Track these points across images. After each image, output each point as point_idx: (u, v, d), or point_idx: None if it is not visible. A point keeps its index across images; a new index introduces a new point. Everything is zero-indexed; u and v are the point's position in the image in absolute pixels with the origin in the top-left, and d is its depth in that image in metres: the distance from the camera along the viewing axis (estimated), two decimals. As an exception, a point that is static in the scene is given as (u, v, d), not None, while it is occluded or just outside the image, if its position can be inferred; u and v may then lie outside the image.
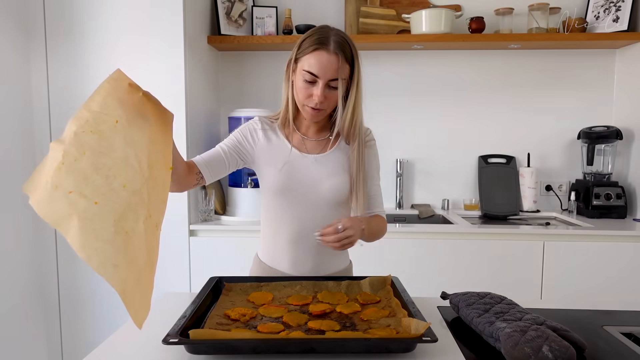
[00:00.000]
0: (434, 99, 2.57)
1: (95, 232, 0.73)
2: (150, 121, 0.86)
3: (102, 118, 0.81)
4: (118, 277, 0.73)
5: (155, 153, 0.83)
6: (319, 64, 1.13)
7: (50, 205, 0.73)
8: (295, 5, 2.52)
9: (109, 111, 0.82)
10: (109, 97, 0.83)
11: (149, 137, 0.84)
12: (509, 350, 0.82)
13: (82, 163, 0.76)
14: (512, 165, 2.53)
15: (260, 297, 1.09)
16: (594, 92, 2.52)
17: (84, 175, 0.76)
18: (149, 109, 0.87)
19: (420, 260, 2.08)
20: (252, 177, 2.22)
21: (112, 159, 0.78)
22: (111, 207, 0.76)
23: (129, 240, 0.76)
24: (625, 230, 2.05)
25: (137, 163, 0.80)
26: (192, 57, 2.12)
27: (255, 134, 1.28)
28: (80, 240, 0.72)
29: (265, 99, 2.58)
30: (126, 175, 0.78)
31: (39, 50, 2.03)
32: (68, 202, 0.73)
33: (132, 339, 0.94)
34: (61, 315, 2.14)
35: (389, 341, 0.84)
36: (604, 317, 1.07)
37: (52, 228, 2.09)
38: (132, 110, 0.84)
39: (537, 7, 2.36)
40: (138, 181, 0.79)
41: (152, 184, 0.81)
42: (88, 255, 0.72)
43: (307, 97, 1.17)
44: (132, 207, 0.77)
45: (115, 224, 0.75)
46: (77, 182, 0.75)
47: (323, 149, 1.27)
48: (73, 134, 0.78)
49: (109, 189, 0.77)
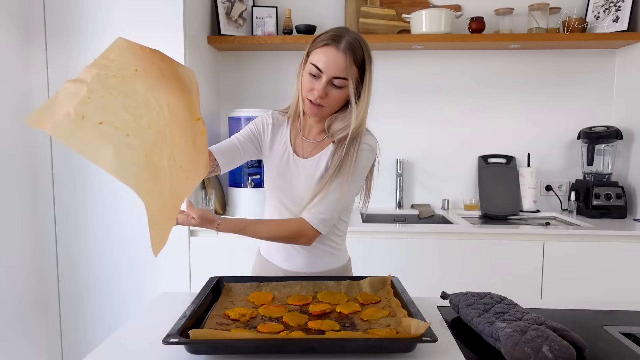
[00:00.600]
0: (434, 99, 2.57)
1: (131, 159, 0.77)
2: (167, 75, 0.89)
3: (123, 65, 0.84)
4: (149, 203, 0.79)
5: (176, 102, 0.87)
6: (326, 58, 1.14)
7: (76, 133, 0.74)
8: (295, 5, 2.52)
9: (128, 60, 0.84)
10: (126, 50, 0.86)
11: (168, 86, 0.87)
12: (509, 350, 0.82)
13: (110, 100, 0.79)
14: (512, 165, 2.53)
15: (260, 297, 1.09)
16: (594, 92, 2.52)
17: (114, 111, 0.78)
18: (164, 64, 0.90)
19: (420, 260, 2.08)
20: (253, 177, 2.22)
21: (136, 100, 0.81)
22: (142, 141, 0.79)
23: (156, 173, 0.80)
24: (625, 230, 2.05)
25: (158, 106, 0.84)
26: (192, 57, 2.13)
27: (267, 128, 1.31)
28: (117, 165, 0.75)
29: (265, 99, 2.58)
30: (150, 116, 0.82)
31: (39, 50, 2.03)
32: (99, 132, 0.75)
33: (132, 339, 0.94)
34: (61, 315, 2.14)
35: (389, 341, 0.84)
36: (604, 317, 1.07)
37: (52, 228, 2.09)
38: (149, 63, 0.87)
39: (537, 7, 2.36)
40: (160, 122, 0.83)
41: (175, 129, 0.85)
42: (126, 179, 0.76)
43: (309, 91, 1.17)
44: (157, 144, 0.82)
45: (146, 155, 0.79)
46: (107, 116, 0.77)
47: (312, 153, 1.27)
48: (95, 75, 0.80)
49: (138, 125, 0.79)
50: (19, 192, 1.98)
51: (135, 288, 2.11)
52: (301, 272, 1.30)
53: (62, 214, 2.09)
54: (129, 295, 2.11)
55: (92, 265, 2.11)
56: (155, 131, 0.82)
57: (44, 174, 2.08)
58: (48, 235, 2.10)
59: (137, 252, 2.09)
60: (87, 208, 2.09)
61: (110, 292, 2.12)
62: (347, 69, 1.14)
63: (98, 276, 2.11)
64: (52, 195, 2.09)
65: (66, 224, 2.10)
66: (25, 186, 2.01)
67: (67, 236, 2.10)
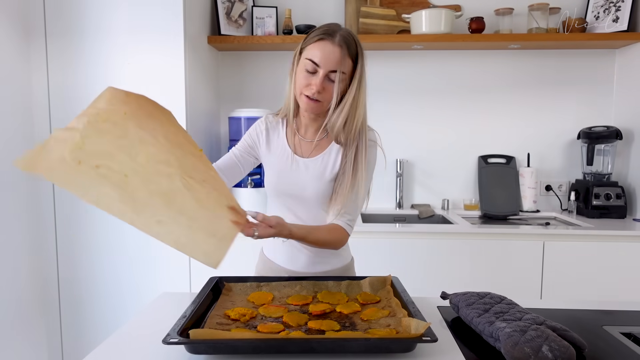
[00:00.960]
0: (434, 99, 2.57)
1: (132, 198, 0.78)
2: (155, 114, 0.92)
3: (111, 111, 0.85)
4: (166, 232, 0.79)
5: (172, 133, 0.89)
6: (322, 53, 1.14)
7: (75, 177, 0.75)
8: (295, 5, 2.53)
9: (115, 107, 0.86)
10: (112, 98, 0.88)
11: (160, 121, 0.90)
12: (508, 350, 0.82)
13: (104, 144, 0.80)
14: (512, 165, 2.53)
15: (260, 297, 1.09)
16: (594, 92, 2.52)
17: (109, 154, 0.80)
18: (150, 106, 0.93)
19: (420, 260, 2.08)
20: (253, 177, 2.22)
21: (130, 140, 0.83)
22: (141, 177, 0.80)
23: (168, 199, 0.81)
24: (625, 230, 2.05)
25: (154, 139, 0.85)
26: (192, 57, 2.13)
27: (261, 135, 1.31)
28: (119, 207, 0.76)
29: (265, 99, 2.58)
30: (147, 151, 0.83)
31: (39, 50, 2.03)
32: (97, 174, 0.77)
33: (132, 339, 0.95)
34: (61, 315, 2.14)
35: (389, 341, 0.84)
36: (604, 317, 1.07)
37: (52, 228, 2.09)
38: (136, 106, 0.89)
39: (537, 7, 2.36)
40: (160, 153, 0.85)
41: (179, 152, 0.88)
42: (131, 219, 0.77)
43: (306, 86, 1.17)
44: (161, 173, 0.83)
45: (148, 189, 0.80)
46: (102, 159, 0.79)
47: (314, 152, 1.27)
48: (87, 123, 0.81)
49: (135, 163, 0.81)
50: (19, 192, 1.98)
51: (135, 288, 2.11)
52: (304, 271, 1.29)
53: (62, 214, 2.09)
54: (129, 295, 2.11)
55: (92, 265, 2.11)
56: (154, 163, 0.83)
57: (44, 174, 2.08)
58: (48, 235, 2.10)
59: (137, 252, 2.09)
60: (87, 208, 2.09)
61: (110, 292, 2.12)
62: (342, 61, 1.15)
63: (98, 276, 2.11)
64: (52, 195, 2.09)
65: (66, 224, 2.10)
66: (25, 186, 2.01)
67: (67, 236, 2.10)
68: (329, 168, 1.24)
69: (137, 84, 2.03)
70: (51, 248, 2.11)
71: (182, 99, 2.04)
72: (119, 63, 2.03)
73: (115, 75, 2.03)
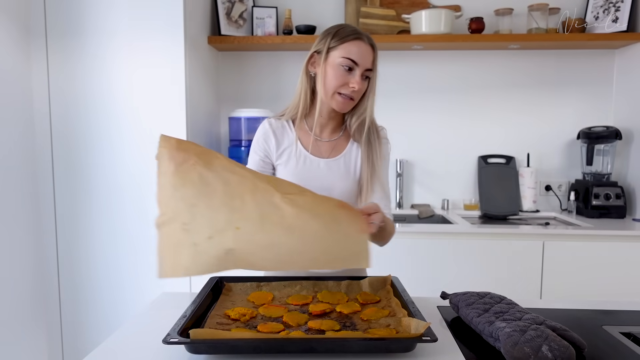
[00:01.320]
0: (434, 99, 2.57)
1: (251, 246, 0.82)
2: (203, 149, 0.92)
3: (183, 171, 0.86)
4: (310, 258, 0.84)
5: (228, 160, 0.91)
6: (359, 51, 1.18)
7: (204, 262, 0.80)
8: (295, 5, 2.53)
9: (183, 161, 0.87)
10: (170, 151, 0.88)
11: (211, 154, 0.91)
12: (508, 349, 0.82)
13: (201, 213, 0.83)
14: (512, 165, 2.53)
15: (260, 297, 1.09)
16: (593, 92, 2.52)
17: (210, 218, 0.82)
18: (189, 144, 0.93)
19: (420, 260, 2.08)
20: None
21: (215, 189, 0.85)
22: (246, 219, 0.83)
23: (274, 226, 0.84)
24: (625, 230, 2.05)
25: (234, 176, 0.87)
26: (192, 57, 2.13)
27: (271, 141, 1.28)
28: (251, 260, 0.81)
29: (265, 99, 2.58)
30: (238, 193, 0.85)
31: (39, 50, 2.03)
32: (217, 244, 0.81)
33: (132, 339, 0.95)
34: (61, 315, 2.14)
35: (389, 341, 0.84)
36: (604, 317, 1.07)
37: (52, 228, 2.09)
38: (187, 148, 0.90)
39: (537, 7, 2.36)
40: (245, 183, 0.86)
41: (260, 175, 0.90)
42: (261, 264, 0.81)
43: (342, 85, 1.19)
44: (264, 202, 0.85)
45: (259, 223, 0.83)
46: (210, 226, 0.82)
47: (333, 152, 1.27)
48: (174, 199, 0.83)
49: (231, 209, 0.83)
50: (20, 192, 1.98)
51: (135, 288, 2.11)
52: (324, 272, 1.28)
53: (62, 214, 2.09)
54: (129, 295, 2.11)
55: (92, 265, 2.11)
56: (250, 199, 0.85)
57: (45, 174, 2.08)
58: (48, 235, 2.10)
59: (138, 252, 2.09)
60: (87, 208, 2.09)
61: (110, 292, 2.12)
62: (374, 60, 1.21)
63: (98, 276, 2.11)
64: (52, 195, 2.09)
65: (66, 224, 2.10)
66: (25, 186, 2.01)
67: (67, 236, 2.10)
68: (352, 167, 1.26)
69: (137, 84, 2.03)
70: (51, 248, 2.11)
71: (182, 99, 2.04)
72: (119, 63, 2.03)
73: (116, 75, 2.03)
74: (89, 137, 2.06)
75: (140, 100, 2.04)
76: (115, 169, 2.07)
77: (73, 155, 2.07)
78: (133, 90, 2.04)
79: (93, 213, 2.09)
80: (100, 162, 2.07)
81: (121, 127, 2.05)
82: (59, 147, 2.07)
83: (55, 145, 2.07)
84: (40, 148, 2.07)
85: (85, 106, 2.05)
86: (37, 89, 2.05)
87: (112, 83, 2.04)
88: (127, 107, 2.04)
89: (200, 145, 0.91)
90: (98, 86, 2.04)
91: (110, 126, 2.05)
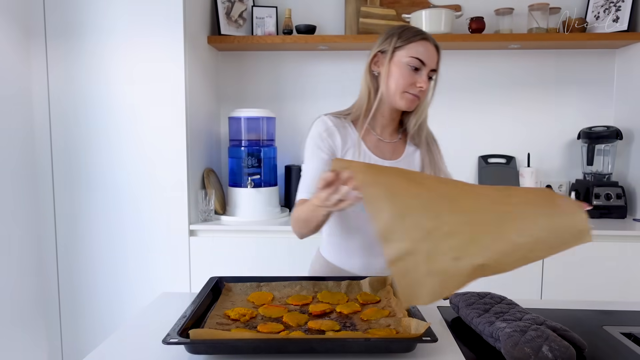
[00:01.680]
0: (434, 99, 2.56)
1: (496, 254, 0.85)
2: (378, 167, 0.91)
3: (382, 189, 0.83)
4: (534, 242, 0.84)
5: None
6: (426, 51, 1.21)
7: (451, 281, 0.81)
8: (295, 5, 2.52)
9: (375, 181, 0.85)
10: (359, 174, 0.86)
11: (389, 169, 0.90)
12: (509, 350, 0.82)
13: (439, 234, 0.81)
14: (512, 165, 2.53)
15: (260, 297, 1.09)
16: (594, 92, 2.52)
17: (452, 238, 0.81)
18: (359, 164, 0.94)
19: (420, 260, 2.07)
20: (253, 177, 2.22)
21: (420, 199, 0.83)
22: (484, 231, 0.84)
23: (510, 230, 0.84)
24: (625, 230, 2.05)
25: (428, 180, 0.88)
26: (192, 56, 2.13)
27: (336, 139, 1.24)
28: (499, 268, 0.83)
29: (265, 99, 2.58)
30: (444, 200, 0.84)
31: (39, 50, 2.03)
32: (452, 258, 0.82)
33: (132, 339, 0.94)
34: (61, 315, 2.14)
35: (389, 341, 0.84)
36: (604, 317, 1.07)
37: (52, 228, 2.09)
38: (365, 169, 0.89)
39: (537, 7, 2.36)
40: (463, 196, 0.86)
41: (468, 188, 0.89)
42: (509, 268, 0.82)
43: (410, 84, 1.20)
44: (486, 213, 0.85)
45: (497, 231, 0.84)
46: (452, 248, 0.81)
47: (395, 154, 1.27)
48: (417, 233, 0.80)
49: (465, 223, 0.83)
50: (19, 192, 1.98)
51: (135, 288, 2.11)
52: (358, 272, 1.29)
53: (62, 214, 2.09)
54: (129, 295, 2.11)
55: (92, 265, 2.11)
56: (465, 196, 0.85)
57: (44, 174, 2.08)
58: (48, 235, 2.10)
59: (138, 252, 2.09)
60: (87, 208, 2.09)
61: (110, 292, 2.12)
62: (439, 62, 1.26)
63: (98, 276, 2.11)
64: (52, 195, 2.09)
65: (66, 224, 2.10)
66: (25, 186, 2.01)
67: (67, 236, 2.10)
68: (416, 169, 1.27)
69: (137, 84, 2.03)
70: (51, 248, 2.11)
71: (182, 99, 2.04)
72: (119, 63, 2.03)
73: (115, 75, 2.03)
74: (88, 136, 2.06)
75: (140, 99, 2.03)
76: (115, 169, 2.07)
77: (72, 154, 2.07)
78: (133, 90, 2.04)
79: (92, 213, 2.09)
80: (100, 161, 2.07)
81: (121, 126, 2.05)
82: (59, 146, 2.07)
83: (54, 145, 2.07)
84: (39, 147, 2.07)
85: (84, 105, 2.05)
86: (37, 87, 2.05)
87: (111, 82, 2.04)
88: (126, 106, 2.04)
89: (353, 160, 0.90)
90: (97, 86, 2.04)
91: (110, 125, 2.05)
